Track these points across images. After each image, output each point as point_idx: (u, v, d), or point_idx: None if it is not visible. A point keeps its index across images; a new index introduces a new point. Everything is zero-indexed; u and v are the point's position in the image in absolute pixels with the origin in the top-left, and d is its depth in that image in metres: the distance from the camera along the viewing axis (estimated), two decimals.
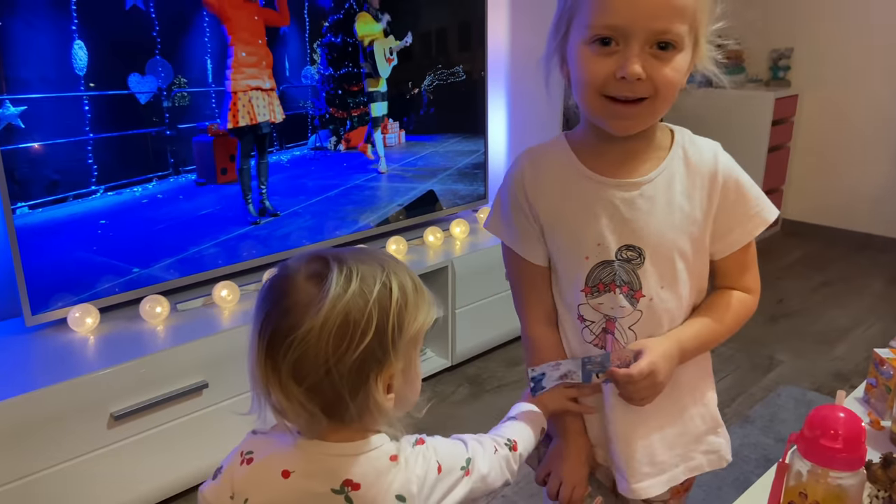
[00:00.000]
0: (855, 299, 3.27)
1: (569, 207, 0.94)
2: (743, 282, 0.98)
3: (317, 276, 0.70)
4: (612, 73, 0.83)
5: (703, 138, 0.97)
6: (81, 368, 1.64)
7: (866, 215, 3.95)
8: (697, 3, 0.84)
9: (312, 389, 0.69)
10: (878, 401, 1.32)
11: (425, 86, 2.57)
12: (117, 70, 1.80)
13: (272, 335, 0.69)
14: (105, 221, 1.84)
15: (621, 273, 0.93)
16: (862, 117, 3.87)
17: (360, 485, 0.72)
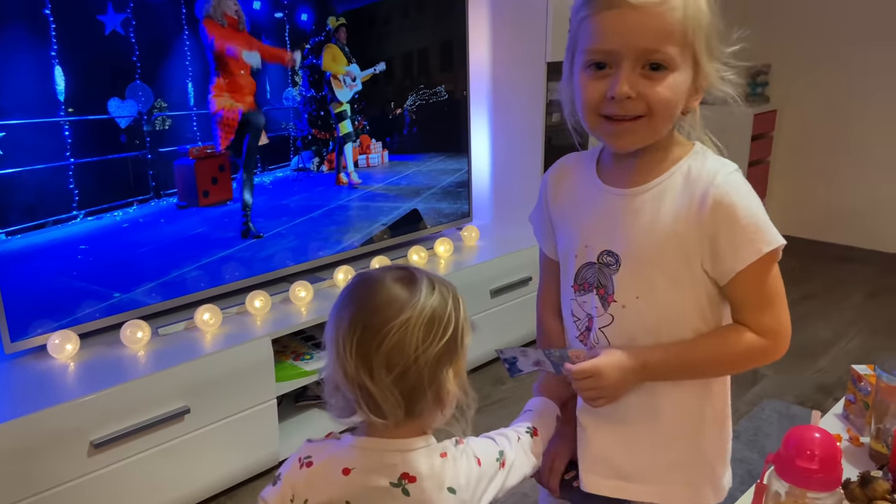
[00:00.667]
0: (836, 312, 3.30)
1: (570, 208, 1.03)
2: (757, 320, 0.92)
3: (405, 281, 0.82)
4: (605, 94, 0.88)
5: (717, 159, 0.95)
6: (61, 396, 1.62)
7: (846, 228, 4.00)
8: (687, 24, 0.86)
9: (400, 377, 0.78)
10: (856, 417, 1.33)
11: (408, 106, 2.58)
12: (97, 95, 1.80)
13: (365, 329, 0.79)
14: (85, 247, 1.83)
15: (600, 276, 0.97)
16: (839, 131, 3.93)
17: (415, 477, 0.80)
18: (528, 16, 2.80)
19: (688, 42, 0.87)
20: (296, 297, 2.16)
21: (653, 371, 0.94)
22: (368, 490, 0.80)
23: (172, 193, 2.00)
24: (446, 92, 2.71)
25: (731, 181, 0.91)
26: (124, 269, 1.91)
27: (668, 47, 0.86)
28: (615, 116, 0.89)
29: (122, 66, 1.83)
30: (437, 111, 2.69)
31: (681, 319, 0.94)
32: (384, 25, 2.45)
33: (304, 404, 2.30)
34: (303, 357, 2.17)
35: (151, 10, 1.86)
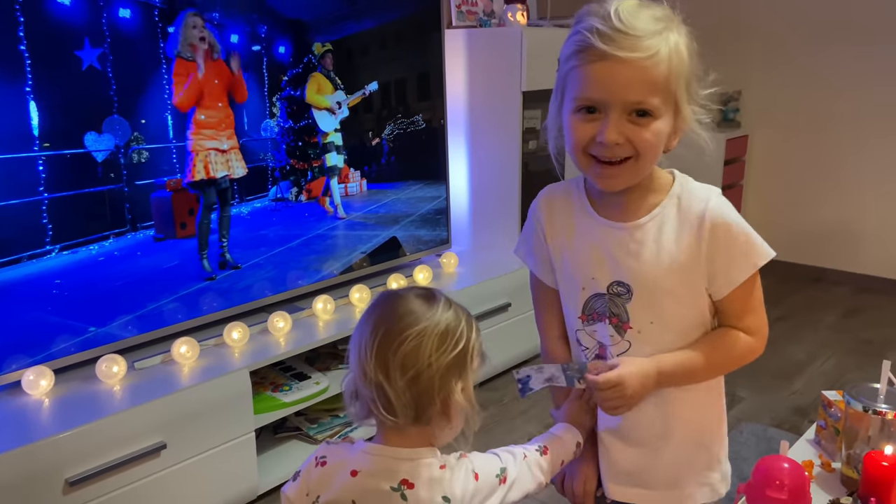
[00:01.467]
0: (810, 333, 3.35)
1: (571, 240, 1.07)
2: (744, 322, 1.03)
3: (425, 297, 0.91)
4: (594, 136, 0.94)
5: (700, 185, 1.04)
6: (35, 433, 1.60)
7: (818, 250, 4.07)
8: (670, 74, 0.93)
9: (413, 380, 0.86)
10: (828, 442, 1.35)
11: (386, 135, 2.61)
12: (73, 129, 1.80)
13: (385, 334, 0.87)
14: (60, 281, 1.82)
15: (611, 306, 1.03)
16: (809, 155, 4.02)
17: (414, 484, 0.86)
18: (503, 46, 2.86)
19: (670, 91, 0.94)
20: (274, 327, 2.15)
21: (667, 377, 1.01)
22: (371, 492, 0.87)
23: (149, 226, 1.99)
24: (424, 121, 2.74)
25: (721, 203, 1.00)
26: (100, 303, 1.89)
27: (653, 98, 0.92)
28: (603, 159, 0.95)
29: (99, 101, 1.84)
30: (414, 140, 2.72)
31: (689, 334, 1.03)
32: (362, 57, 2.48)
33: (283, 436, 2.28)
34: (282, 388, 2.16)
35: (128, 45, 1.87)
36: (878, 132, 3.78)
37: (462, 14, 3.03)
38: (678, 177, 1.04)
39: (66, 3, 1.74)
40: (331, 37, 2.37)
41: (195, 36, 1.99)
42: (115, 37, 1.84)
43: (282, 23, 2.23)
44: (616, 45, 0.90)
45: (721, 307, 1.03)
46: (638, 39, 0.90)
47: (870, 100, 3.77)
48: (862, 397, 1.20)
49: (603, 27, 0.91)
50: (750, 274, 0.99)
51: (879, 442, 1.15)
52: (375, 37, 2.52)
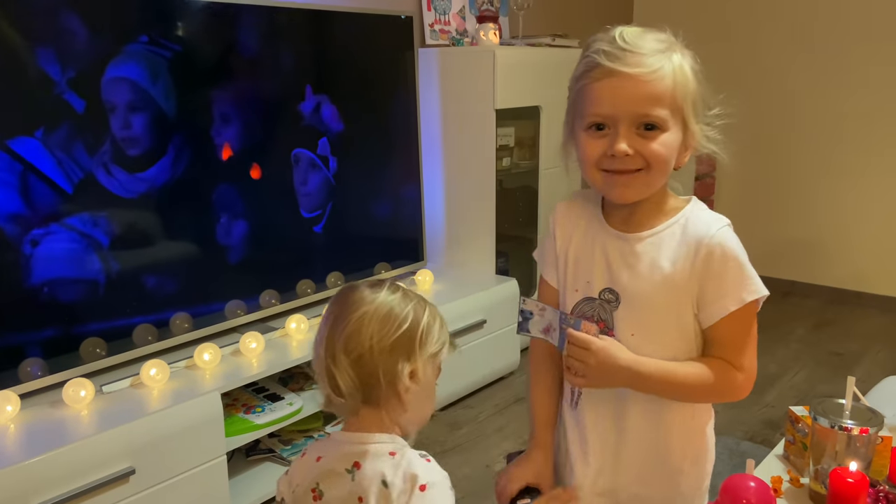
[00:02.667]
0: (781, 346, 3.39)
1: (577, 243, 1.11)
2: (732, 358, 1.03)
3: (373, 285, 0.96)
4: (605, 151, 0.99)
5: (712, 214, 1.05)
6: (0, 461, 1.56)
7: (788, 264, 4.14)
8: (676, 89, 0.98)
9: (358, 361, 0.91)
10: (796, 458, 1.37)
11: (361, 152, 2.61)
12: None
13: (335, 319, 0.93)
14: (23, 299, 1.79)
15: (600, 311, 1.06)
16: (778, 171, 4.10)
17: (360, 465, 0.92)
18: (476, 65, 2.88)
19: (677, 105, 0.98)
20: (246, 348, 2.13)
21: (641, 379, 1.02)
22: (329, 474, 0.94)
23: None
24: (398, 139, 2.74)
25: (723, 234, 1.02)
26: (66, 325, 1.86)
27: (659, 110, 0.97)
28: (615, 170, 0.99)
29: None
30: (389, 158, 2.72)
31: (670, 352, 1.03)
32: (335, 75, 2.48)
33: (255, 458, 2.25)
34: (254, 410, 2.14)
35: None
36: (845, 147, 3.87)
37: (435, 33, 3.05)
38: (693, 202, 1.07)
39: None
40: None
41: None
42: None
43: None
44: (621, 62, 0.95)
45: (710, 337, 1.03)
46: (642, 57, 0.96)
47: (837, 115, 3.86)
48: (828, 413, 1.22)
49: (609, 48, 0.97)
50: (736, 308, 0.99)
51: (846, 458, 1.16)
52: (348, 56, 2.53)
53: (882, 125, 3.74)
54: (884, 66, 3.67)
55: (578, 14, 3.82)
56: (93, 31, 1.84)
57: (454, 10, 3.13)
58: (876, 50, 3.68)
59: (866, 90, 3.75)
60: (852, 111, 3.80)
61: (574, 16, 3.77)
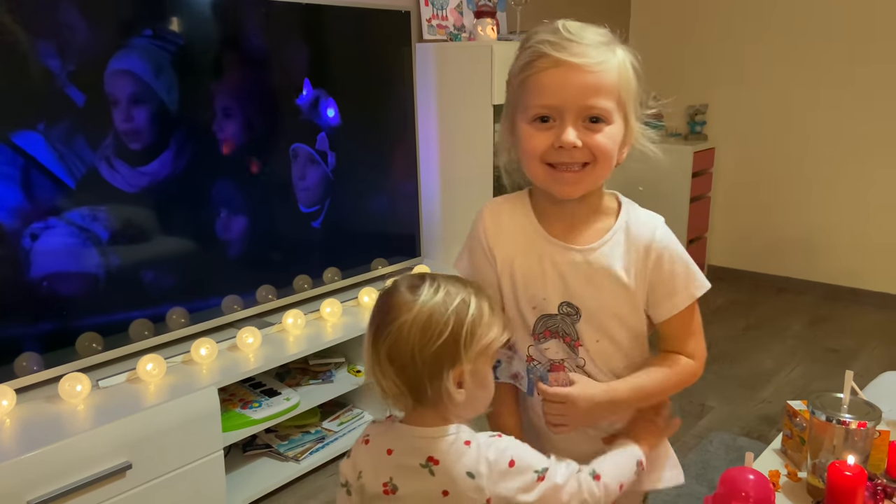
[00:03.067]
0: (777, 342, 3.40)
1: (522, 260, 1.06)
2: (686, 348, 1.08)
3: (413, 287, 0.93)
4: (551, 143, 0.97)
5: (647, 212, 1.08)
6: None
7: (783, 260, 4.15)
8: (620, 83, 0.98)
9: (402, 369, 0.90)
10: (794, 452, 1.37)
11: (357, 149, 2.60)
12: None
13: (377, 327, 0.92)
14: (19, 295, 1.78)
15: (562, 325, 1.05)
16: (774, 167, 4.10)
17: (439, 461, 0.91)
18: (473, 60, 2.87)
19: (621, 100, 0.98)
20: (243, 343, 2.12)
21: (618, 406, 1.06)
22: (403, 469, 0.93)
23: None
24: (395, 134, 2.74)
25: (666, 235, 1.05)
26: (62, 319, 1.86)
27: (605, 102, 0.96)
28: (561, 165, 0.98)
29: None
30: (386, 153, 2.72)
31: (631, 350, 1.08)
32: (332, 71, 2.48)
33: (252, 453, 2.25)
34: (251, 405, 2.13)
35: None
36: (840, 144, 3.88)
37: (433, 28, 3.05)
38: (624, 202, 1.08)
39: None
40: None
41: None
42: None
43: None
44: (568, 52, 0.95)
45: (663, 332, 1.09)
46: (588, 48, 0.95)
47: (832, 112, 3.87)
48: (826, 407, 1.22)
49: (554, 38, 0.96)
50: (689, 303, 1.05)
51: (843, 451, 1.16)
52: (346, 51, 2.52)
53: (877, 122, 3.74)
54: (879, 64, 3.68)
55: (576, 9, 3.79)
56: (95, 25, 1.83)
57: (452, 5, 3.12)
58: (871, 48, 3.69)
59: (861, 87, 3.75)
60: (847, 108, 3.81)
61: (572, 11, 3.75)
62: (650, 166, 1.07)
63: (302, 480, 2.22)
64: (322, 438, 2.33)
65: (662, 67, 4.18)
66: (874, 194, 3.82)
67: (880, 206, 3.81)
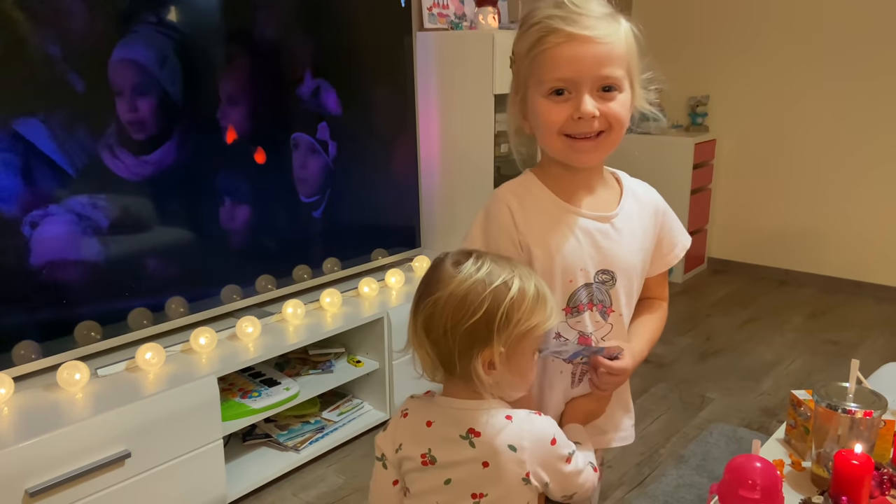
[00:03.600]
0: (778, 335, 3.40)
1: (556, 238, 1.08)
2: (661, 292, 1.23)
3: (457, 263, 0.94)
4: (570, 115, 1.01)
5: (637, 179, 1.18)
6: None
7: (784, 252, 4.14)
8: (629, 52, 1.03)
9: (435, 343, 0.92)
10: (798, 442, 1.36)
11: (359, 140, 2.58)
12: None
13: (418, 299, 0.95)
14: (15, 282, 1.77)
15: (597, 293, 1.09)
16: (775, 159, 4.09)
17: (480, 433, 0.93)
18: (474, 49, 2.85)
19: (629, 68, 1.04)
20: (243, 332, 2.11)
21: (646, 352, 1.16)
22: (444, 440, 0.94)
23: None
24: (396, 123, 2.72)
25: (662, 198, 1.18)
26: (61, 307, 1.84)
27: (617, 70, 1.01)
28: (579, 135, 1.02)
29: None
30: (387, 143, 2.70)
31: (634, 304, 1.17)
32: (333, 60, 2.46)
33: (252, 443, 2.24)
34: (251, 394, 2.12)
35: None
36: (842, 136, 3.86)
37: (433, 17, 3.03)
38: (619, 173, 1.17)
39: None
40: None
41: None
42: None
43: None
44: (579, 25, 0.98)
45: (650, 283, 1.19)
46: (597, 20, 0.99)
47: (834, 103, 3.85)
48: (831, 396, 1.21)
49: (560, 13, 0.99)
50: (682, 254, 1.19)
51: (849, 440, 1.15)
52: (346, 39, 2.50)
53: (879, 114, 3.73)
54: (881, 56, 3.66)
55: None
56: (98, 13, 1.81)
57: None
58: (874, 40, 3.67)
59: (863, 79, 3.74)
60: (849, 99, 3.79)
61: None
62: (649, 155, 1.10)
63: (301, 470, 2.22)
64: (321, 428, 2.32)
65: (664, 58, 4.14)
66: (875, 186, 3.81)
67: (881, 198, 3.80)
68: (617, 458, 2.35)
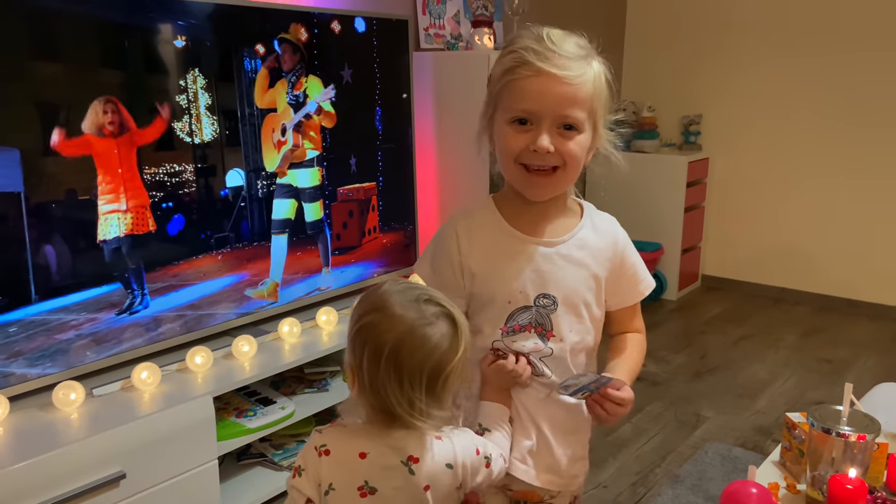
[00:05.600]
0: (772, 353, 3.41)
1: (498, 261, 1.14)
2: (634, 325, 1.25)
3: (410, 295, 0.97)
4: (527, 146, 1.05)
5: (604, 213, 1.22)
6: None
7: (778, 270, 4.16)
8: (594, 95, 1.07)
9: (373, 393, 0.93)
10: (792, 464, 1.37)
11: (353, 159, 2.60)
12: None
13: (361, 334, 0.96)
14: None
15: (537, 317, 1.13)
16: (768, 177, 4.12)
17: (418, 458, 0.94)
18: (470, 69, 2.88)
19: (593, 110, 1.07)
20: (238, 351, 2.11)
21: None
22: (383, 469, 0.94)
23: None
24: (393, 142, 2.73)
25: (624, 232, 1.21)
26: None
27: (579, 112, 1.05)
28: (533, 167, 1.07)
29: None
30: (383, 161, 2.71)
31: (591, 340, 1.19)
32: (327, 79, 2.48)
33: (247, 462, 2.23)
34: (246, 414, 2.12)
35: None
36: (835, 154, 3.90)
37: (430, 37, 3.05)
38: (585, 204, 1.20)
39: None
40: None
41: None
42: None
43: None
44: (550, 63, 1.02)
45: (617, 317, 1.23)
46: (568, 60, 1.04)
47: (826, 123, 3.89)
48: (825, 419, 1.22)
49: (537, 47, 1.04)
50: (648, 292, 1.22)
51: (843, 464, 1.16)
52: (342, 59, 2.52)
53: (873, 132, 3.77)
54: (875, 75, 3.71)
55: (572, 20, 3.81)
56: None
57: (449, 14, 3.13)
58: (867, 58, 3.72)
59: (856, 97, 3.78)
60: (844, 117, 3.83)
61: (568, 22, 3.76)
62: (644, 174, 1.13)
63: None
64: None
65: (657, 78, 4.21)
66: (869, 205, 3.84)
67: (875, 217, 3.83)
68: (612, 477, 2.35)
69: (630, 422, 2.72)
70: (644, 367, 3.11)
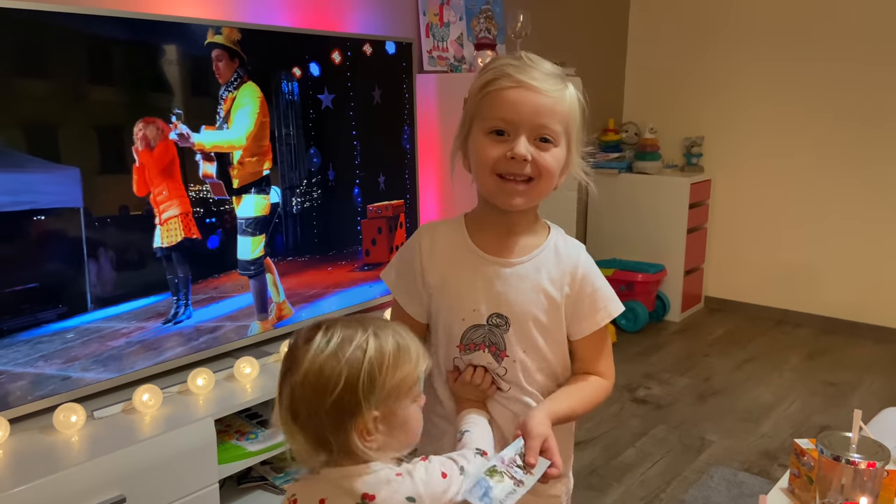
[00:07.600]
0: (776, 375, 3.39)
1: (454, 275, 1.15)
2: (597, 367, 1.19)
3: (307, 340, 0.90)
4: (504, 154, 1.06)
5: (571, 238, 1.21)
6: None
7: (781, 292, 4.15)
8: (570, 114, 1.10)
9: (304, 428, 0.88)
10: (801, 491, 1.35)
11: (357, 169, 2.60)
12: None
13: (279, 385, 0.92)
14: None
15: (490, 336, 1.13)
16: (770, 199, 4.13)
17: (374, 496, 0.89)
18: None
19: (567, 128, 1.10)
20: (241, 373, 2.10)
21: (555, 423, 1.09)
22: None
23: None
24: (396, 163, 2.74)
25: (589, 259, 1.18)
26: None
27: (556, 125, 1.08)
28: (509, 176, 1.07)
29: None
30: (386, 183, 2.72)
31: (555, 366, 1.17)
32: (331, 100, 2.49)
33: (247, 486, 2.21)
34: (247, 436, 2.10)
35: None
36: (838, 175, 3.91)
37: (433, 59, 3.07)
38: (553, 227, 1.20)
39: None
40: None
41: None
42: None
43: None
44: (528, 75, 1.06)
45: (579, 352, 1.18)
46: (546, 76, 1.07)
47: (829, 144, 3.91)
48: (834, 446, 1.20)
49: (516, 63, 1.08)
50: (608, 320, 1.16)
51: (853, 491, 1.15)
52: (345, 80, 2.53)
53: (876, 152, 3.78)
54: (876, 93, 3.73)
55: (575, 43, 3.86)
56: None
57: (452, 36, 3.15)
58: (869, 77, 3.74)
59: (857, 116, 3.79)
60: (847, 140, 3.85)
61: (571, 44, 3.81)
62: (646, 195, 1.12)
63: None
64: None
65: (659, 100, 4.23)
66: (873, 227, 3.84)
67: (879, 239, 3.83)
68: (617, 503, 2.33)
69: (634, 446, 2.70)
70: (648, 389, 3.13)
